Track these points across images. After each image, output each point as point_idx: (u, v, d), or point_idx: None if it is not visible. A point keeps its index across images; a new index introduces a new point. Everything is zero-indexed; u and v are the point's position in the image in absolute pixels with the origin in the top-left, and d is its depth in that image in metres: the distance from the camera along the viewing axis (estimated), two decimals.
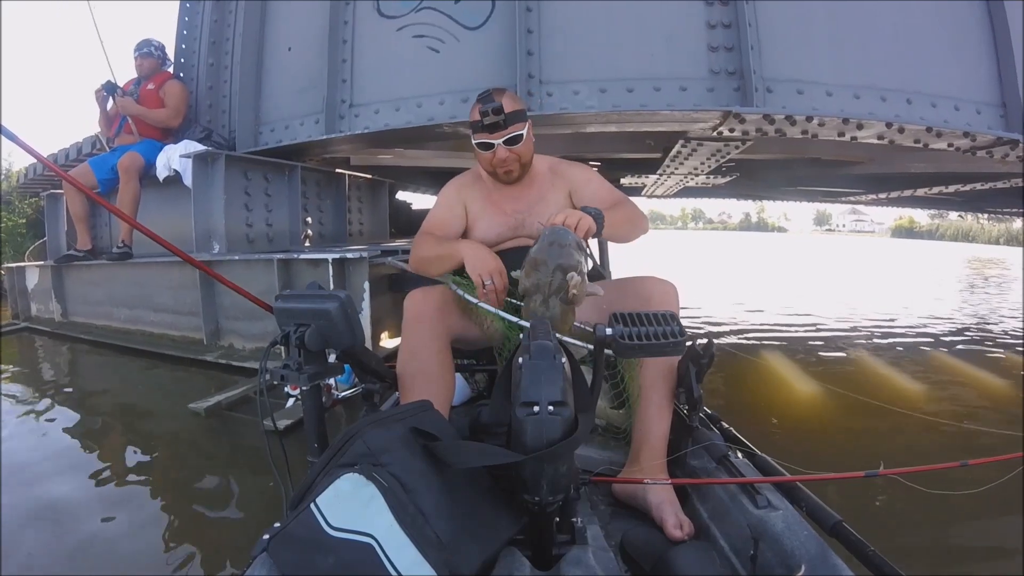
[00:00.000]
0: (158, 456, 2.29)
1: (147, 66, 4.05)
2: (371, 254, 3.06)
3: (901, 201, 7.25)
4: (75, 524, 1.75)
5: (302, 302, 1.10)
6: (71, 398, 3.04)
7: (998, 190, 5.03)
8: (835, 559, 0.87)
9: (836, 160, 4.68)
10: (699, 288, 8.48)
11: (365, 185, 4.98)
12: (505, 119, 1.46)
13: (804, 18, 2.79)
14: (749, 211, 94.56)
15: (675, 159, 3.78)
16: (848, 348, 4.44)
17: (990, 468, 1.09)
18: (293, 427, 2.37)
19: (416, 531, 0.77)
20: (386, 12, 3.19)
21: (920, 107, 2.79)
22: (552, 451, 0.75)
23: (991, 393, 3.30)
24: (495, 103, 1.45)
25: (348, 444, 0.87)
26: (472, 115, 1.52)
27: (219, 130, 4.01)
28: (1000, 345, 4.77)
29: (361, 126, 3.26)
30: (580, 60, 2.88)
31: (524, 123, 1.52)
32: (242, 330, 3.50)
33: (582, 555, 0.85)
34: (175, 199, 3.78)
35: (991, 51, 2.88)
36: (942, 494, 1.04)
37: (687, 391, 1.26)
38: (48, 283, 4.79)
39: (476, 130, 1.51)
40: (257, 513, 1.82)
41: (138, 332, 4.09)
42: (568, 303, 1.08)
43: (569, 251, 1.07)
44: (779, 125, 2.73)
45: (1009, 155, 2.95)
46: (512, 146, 1.50)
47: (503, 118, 1.45)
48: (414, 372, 1.30)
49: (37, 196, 6.91)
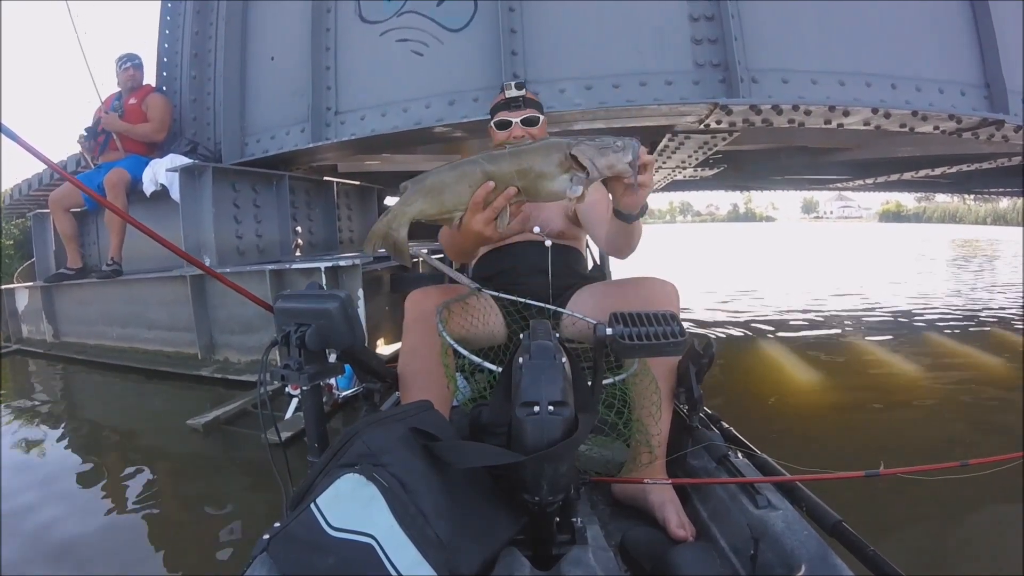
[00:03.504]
0: (158, 473, 2.26)
1: (137, 77, 4.03)
2: (363, 261, 3.05)
3: (888, 185, 7.30)
4: (74, 540, 1.74)
5: (302, 302, 1.10)
6: (66, 419, 3.01)
7: (984, 171, 5.07)
8: (835, 559, 0.87)
9: (823, 148, 4.71)
10: (693, 281, 8.49)
11: (354, 192, 4.96)
12: (525, 100, 1.63)
13: (787, 7, 2.80)
14: (737, 202, 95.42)
15: (663, 153, 3.79)
16: (844, 334, 4.46)
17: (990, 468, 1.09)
18: (294, 439, 2.35)
19: (416, 531, 0.77)
20: (368, 17, 3.18)
21: (905, 91, 2.81)
22: (552, 451, 0.75)
23: (990, 374, 3.33)
24: (520, 81, 1.71)
25: (348, 444, 0.87)
26: (496, 98, 1.69)
27: (205, 142, 3.99)
28: (985, 323, 4.80)
29: (348, 133, 3.25)
30: (565, 58, 2.88)
31: (541, 113, 1.67)
32: (237, 343, 3.48)
33: (582, 555, 0.84)
34: (163, 213, 3.75)
35: (973, 33, 2.90)
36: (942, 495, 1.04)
37: (687, 391, 1.26)
38: (38, 303, 4.75)
39: (497, 110, 1.66)
40: (258, 525, 1.80)
41: (132, 350, 4.06)
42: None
43: (615, 155, 1.01)
44: (766, 115, 2.73)
45: (995, 135, 2.96)
46: (528, 127, 1.61)
47: (524, 95, 1.64)
48: (415, 372, 1.30)
49: (24, 217, 6.84)
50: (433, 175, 1.08)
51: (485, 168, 1.04)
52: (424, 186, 1.08)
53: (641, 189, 1.06)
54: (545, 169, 1.03)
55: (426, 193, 1.08)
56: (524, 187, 1.04)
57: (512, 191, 1.03)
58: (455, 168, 1.06)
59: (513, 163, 1.04)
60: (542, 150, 1.04)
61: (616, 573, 0.90)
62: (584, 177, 1.02)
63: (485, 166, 1.04)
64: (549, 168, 1.03)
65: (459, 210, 1.07)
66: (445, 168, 1.08)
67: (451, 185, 1.06)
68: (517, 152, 1.05)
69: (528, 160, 1.03)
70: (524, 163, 1.03)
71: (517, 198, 1.05)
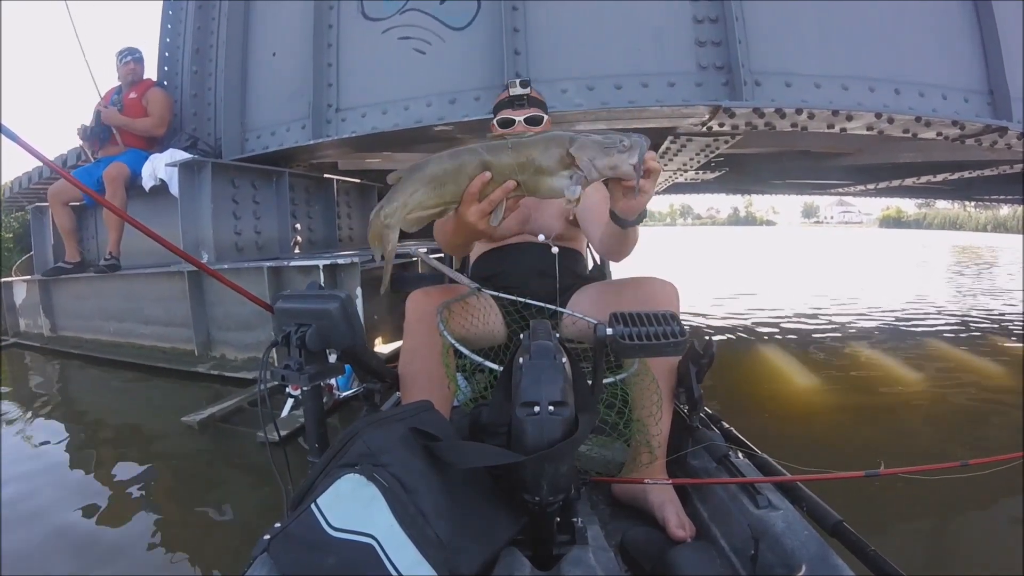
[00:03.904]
0: (154, 471, 2.25)
1: (137, 71, 4.02)
2: (362, 259, 3.04)
3: (890, 191, 7.31)
4: (70, 536, 1.73)
5: (302, 302, 1.10)
6: (62, 414, 2.99)
7: (986, 177, 5.07)
8: (835, 559, 0.87)
9: (825, 152, 4.70)
10: (694, 283, 8.49)
11: (354, 190, 4.96)
12: (529, 98, 1.61)
13: (791, 10, 2.80)
14: (737, 205, 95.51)
15: (664, 155, 3.79)
16: (844, 337, 4.46)
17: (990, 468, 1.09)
18: (289, 437, 2.34)
19: (417, 531, 0.77)
20: (371, 14, 3.18)
21: (908, 97, 2.81)
22: (552, 451, 0.75)
23: (989, 376, 3.33)
24: (525, 79, 1.65)
25: (348, 444, 0.87)
26: (500, 96, 1.68)
27: (205, 138, 3.98)
28: (984, 329, 4.80)
29: (348, 130, 3.25)
30: (567, 58, 2.88)
31: (546, 112, 1.65)
32: (234, 340, 3.46)
33: (582, 555, 0.84)
34: (162, 209, 3.74)
35: (977, 38, 2.90)
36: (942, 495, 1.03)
37: (687, 391, 1.25)
38: (36, 298, 4.73)
39: (501, 107, 1.64)
40: (254, 523, 1.79)
41: (128, 345, 4.04)
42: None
43: (619, 155, 0.96)
44: (769, 118, 2.73)
45: (998, 142, 2.97)
46: (532, 127, 1.59)
47: (529, 93, 1.61)
48: (415, 372, 1.30)
49: (23, 210, 6.83)
50: (433, 163, 1.02)
51: (484, 158, 1.00)
52: (425, 174, 1.02)
53: (641, 195, 1.02)
54: (544, 164, 0.99)
55: (427, 182, 1.02)
56: (523, 182, 1.00)
57: (511, 185, 0.99)
58: (455, 157, 1.01)
59: (513, 155, 0.99)
60: (542, 143, 0.99)
61: (616, 573, 0.90)
62: (584, 176, 0.98)
63: (484, 156, 1.00)
64: (549, 163, 0.99)
65: (457, 202, 1.03)
66: (444, 156, 1.02)
67: (452, 174, 1.01)
68: (518, 144, 1.00)
69: (527, 153, 0.99)
70: (524, 156, 0.99)
71: (515, 192, 1.01)
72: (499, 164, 0.99)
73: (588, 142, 0.97)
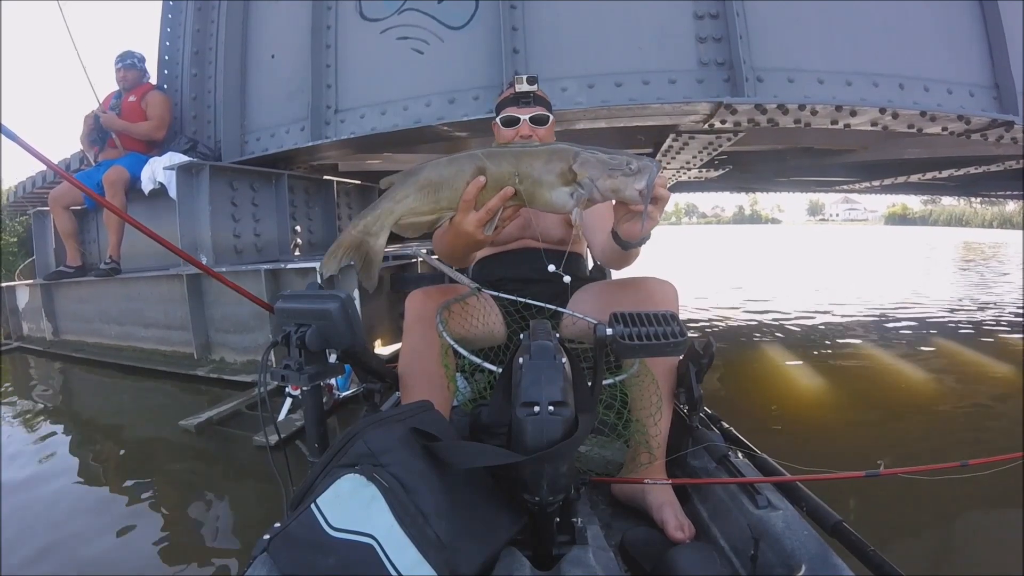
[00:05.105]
0: (154, 473, 2.25)
1: (129, 78, 4.02)
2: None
3: (895, 188, 7.27)
4: (70, 537, 1.73)
5: (302, 302, 1.11)
6: (63, 418, 3.00)
7: (992, 173, 5.04)
8: (835, 559, 0.87)
9: (829, 149, 4.68)
10: (699, 282, 8.47)
11: (355, 191, 4.95)
12: (535, 97, 1.55)
13: (792, 6, 2.78)
14: (742, 204, 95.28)
15: (667, 153, 3.77)
16: (846, 336, 4.43)
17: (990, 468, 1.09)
18: (286, 440, 2.33)
19: (417, 531, 0.77)
20: (369, 15, 3.17)
21: (913, 92, 2.78)
22: (552, 451, 0.75)
23: (991, 375, 3.30)
24: (533, 76, 1.57)
25: (348, 444, 0.88)
26: (504, 93, 1.61)
27: (205, 140, 3.98)
28: (987, 327, 4.77)
29: (347, 131, 3.24)
30: (567, 56, 2.86)
31: (550, 113, 1.59)
32: (233, 343, 3.46)
33: (582, 555, 0.84)
34: (162, 212, 3.73)
35: (982, 33, 2.88)
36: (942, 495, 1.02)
37: (687, 391, 1.25)
38: (39, 301, 4.76)
39: (505, 105, 1.57)
40: (253, 524, 1.79)
41: (129, 348, 4.05)
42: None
43: (624, 178, 0.94)
44: (771, 115, 2.71)
45: (1004, 137, 2.94)
46: (536, 126, 1.54)
47: (535, 91, 1.55)
48: (415, 372, 1.29)
49: (26, 214, 6.86)
50: (429, 168, 1.00)
51: (483, 165, 0.97)
52: (418, 180, 0.99)
53: (648, 221, 0.97)
54: (545, 177, 0.96)
55: (420, 188, 0.99)
56: (522, 191, 0.97)
57: (508, 192, 0.96)
58: (453, 162, 0.99)
59: (513, 163, 0.97)
60: (545, 155, 0.97)
61: (616, 573, 0.89)
62: (585, 195, 0.95)
63: (484, 162, 0.97)
64: (549, 177, 0.96)
65: (453, 209, 1.00)
66: (442, 161, 1.00)
67: (448, 180, 0.98)
68: (520, 152, 0.98)
69: (529, 163, 0.96)
70: (524, 166, 0.96)
71: (513, 201, 0.98)
72: (498, 171, 0.97)
73: (593, 160, 0.95)
